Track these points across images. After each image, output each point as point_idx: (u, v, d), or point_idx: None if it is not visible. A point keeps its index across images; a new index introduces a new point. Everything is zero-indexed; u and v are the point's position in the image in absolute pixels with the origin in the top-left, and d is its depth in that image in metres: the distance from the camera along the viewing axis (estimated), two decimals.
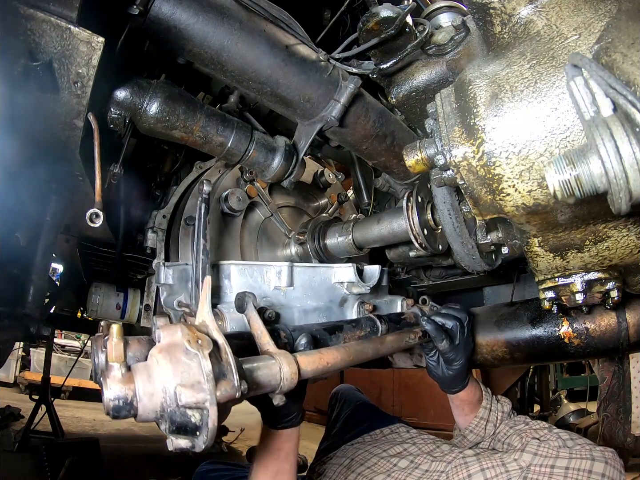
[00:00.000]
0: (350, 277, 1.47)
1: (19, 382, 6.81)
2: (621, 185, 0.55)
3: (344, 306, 1.52)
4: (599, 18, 0.77)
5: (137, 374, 0.67)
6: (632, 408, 2.79)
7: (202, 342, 0.69)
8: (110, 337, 0.67)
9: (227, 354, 0.73)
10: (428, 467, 1.47)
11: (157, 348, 0.70)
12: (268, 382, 0.81)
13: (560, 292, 1.18)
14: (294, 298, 1.39)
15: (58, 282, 2.87)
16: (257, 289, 1.31)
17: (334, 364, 0.96)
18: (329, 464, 1.81)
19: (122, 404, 0.65)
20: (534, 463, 1.28)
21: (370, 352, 1.13)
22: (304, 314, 1.38)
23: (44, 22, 0.85)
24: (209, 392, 0.65)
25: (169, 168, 2.04)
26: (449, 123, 0.92)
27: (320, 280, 1.46)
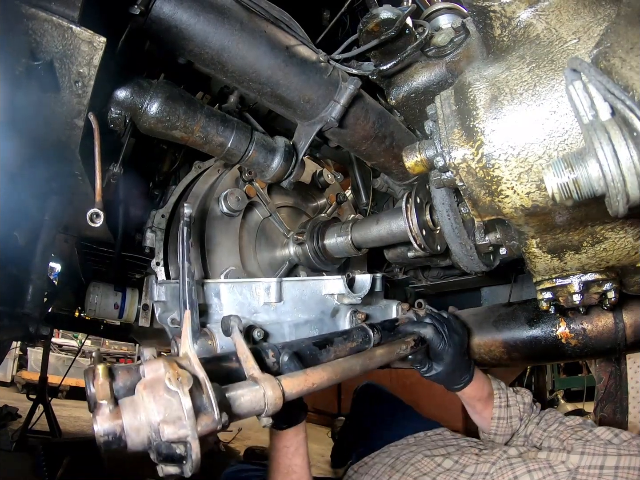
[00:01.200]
0: (340, 289, 1.46)
1: (16, 381, 6.80)
2: (618, 188, 0.56)
3: (336, 316, 1.51)
4: (598, 22, 0.78)
5: (125, 410, 0.71)
6: (629, 408, 2.79)
7: (183, 379, 0.72)
8: (97, 378, 0.71)
9: (208, 388, 0.76)
10: (474, 470, 1.43)
11: (142, 384, 0.73)
12: (252, 408, 0.83)
13: (557, 292, 1.19)
14: (284, 312, 1.38)
15: (56, 282, 2.87)
16: (246, 305, 1.31)
17: (320, 384, 0.97)
18: (371, 463, 1.80)
19: (112, 439, 0.69)
20: (582, 464, 1.24)
21: (358, 369, 1.13)
22: (295, 328, 1.37)
23: (45, 21, 0.85)
24: (190, 428, 0.69)
25: (167, 167, 2.05)
26: (449, 125, 0.92)
27: (311, 293, 1.45)
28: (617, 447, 1.24)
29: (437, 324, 1.52)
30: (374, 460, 1.82)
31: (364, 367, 1.16)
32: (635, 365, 2.82)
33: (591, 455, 1.24)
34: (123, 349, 9.69)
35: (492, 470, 1.37)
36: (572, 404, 5.05)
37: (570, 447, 1.31)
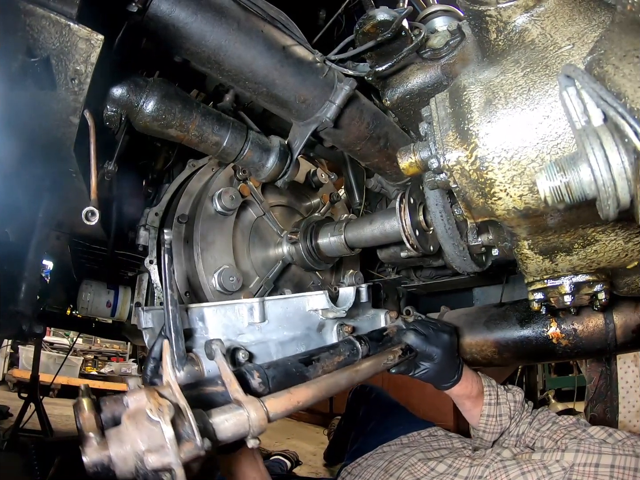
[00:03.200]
0: (324, 304, 1.45)
1: (7, 379, 6.73)
2: (609, 192, 0.57)
3: (323, 331, 1.50)
4: (593, 29, 0.79)
5: (111, 441, 0.73)
6: (619, 408, 2.83)
7: (163, 408, 0.74)
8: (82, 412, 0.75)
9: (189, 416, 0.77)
10: (467, 473, 1.43)
11: (126, 414, 0.76)
12: (237, 431, 0.85)
13: (549, 293, 1.20)
14: (269, 331, 1.36)
15: (48, 279, 2.85)
16: (231, 327, 1.30)
17: (305, 402, 0.99)
18: (365, 465, 1.79)
19: (101, 469, 0.71)
20: (577, 462, 1.23)
21: (344, 383, 1.15)
22: (281, 346, 1.36)
23: (43, 18, 0.85)
24: (173, 455, 0.71)
25: (161, 166, 2.04)
26: (443, 127, 0.93)
27: (294, 310, 1.43)
28: (612, 447, 1.24)
29: (420, 327, 1.54)
30: (367, 461, 1.83)
31: (349, 380, 1.17)
32: (625, 366, 2.86)
33: (586, 453, 1.24)
34: (115, 347, 9.64)
35: (485, 474, 1.36)
36: (562, 403, 5.09)
37: (564, 446, 1.31)
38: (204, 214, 1.65)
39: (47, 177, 1.41)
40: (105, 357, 9.45)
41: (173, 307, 1.07)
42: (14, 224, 1.58)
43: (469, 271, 1.57)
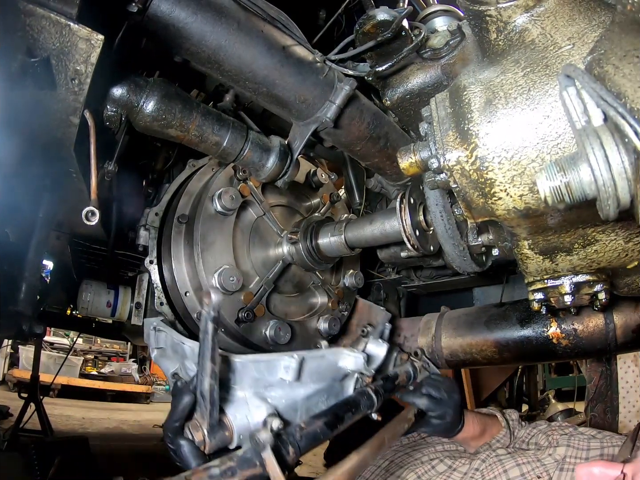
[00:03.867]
0: (359, 367, 1.41)
1: (7, 379, 6.75)
2: (609, 192, 0.57)
3: (344, 380, 1.45)
4: (593, 29, 0.79)
5: None
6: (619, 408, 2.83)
7: None
8: None
9: None
10: (466, 469, 1.47)
11: None
12: None
13: (549, 293, 1.20)
14: (299, 386, 1.31)
15: (48, 279, 2.85)
16: (262, 380, 1.24)
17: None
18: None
19: None
20: (568, 455, 1.29)
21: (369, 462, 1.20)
22: (306, 400, 1.31)
23: (43, 18, 0.85)
24: None
25: (161, 166, 2.04)
26: (444, 127, 0.93)
27: (327, 365, 1.38)
28: (600, 441, 1.31)
29: (432, 390, 1.57)
30: None
31: (373, 456, 1.23)
32: (625, 366, 2.86)
33: (576, 448, 1.30)
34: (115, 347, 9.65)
35: (482, 467, 1.41)
36: (563, 403, 5.09)
37: (556, 442, 1.37)
38: (204, 214, 1.65)
39: (47, 177, 1.41)
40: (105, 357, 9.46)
41: (213, 381, 1.01)
42: (14, 224, 1.58)
43: (469, 271, 1.57)
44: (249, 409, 1.17)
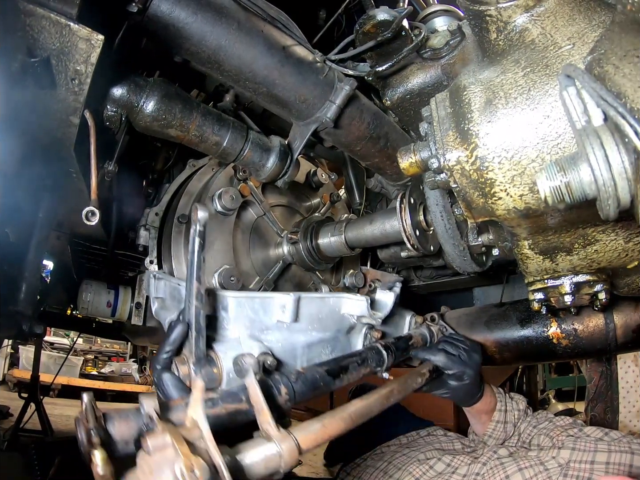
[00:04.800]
0: (362, 311, 1.35)
1: (7, 379, 6.74)
2: (610, 192, 0.57)
3: (351, 333, 1.41)
4: (593, 29, 0.79)
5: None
6: (619, 408, 2.83)
7: (198, 471, 0.62)
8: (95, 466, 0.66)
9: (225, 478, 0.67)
10: (465, 470, 1.44)
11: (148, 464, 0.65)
12: (267, 470, 0.76)
13: (549, 293, 1.20)
14: (298, 331, 1.26)
15: (48, 279, 2.85)
16: (257, 321, 1.19)
17: (337, 434, 0.91)
18: (364, 466, 1.79)
19: None
20: (572, 459, 1.24)
21: (375, 411, 1.07)
22: (307, 348, 1.26)
23: (43, 18, 0.85)
24: None
25: (161, 166, 2.03)
26: (444, 127, 0.93)
27: (329, 311, 1.32)
28: (608, 444, 1.25)
29: (450, 347, 1.50)
30: (366, 462, 1.82)
31: (382, 406, 1.09)
32: (625, 366, 2.86)
33: (582, 451, 1.25)
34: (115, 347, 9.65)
35: (483, 471, 1.37)
36: (563, 403, 5.10)
37: (560, 443, 1.33)
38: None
39: (47, 177, 1.41)
40: (105, 357, 9.45)
41: (198, 302, 0.95)
42: (15, 224, 1.58)
43: (469, 271, 1.57)
44: (242, 349, 1.09)
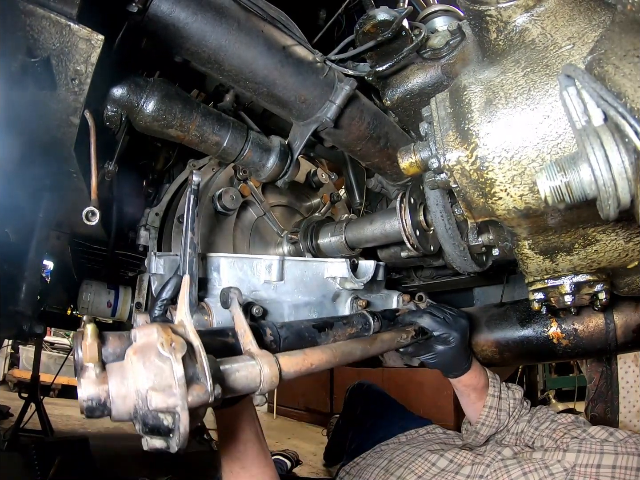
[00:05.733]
0: (343, 272, 1.45)
1: (7, 379, 6.74)
2: (610, 192, 0.57)
3: (337, 301, 1.50)
4: (593, 29, 0.79)
5: (112, 375, 0.66)
6: (619, 408, 2.83)
7: (176, 345, 0.67)
8: (85, 338, 0.67)
9: (202, 358, 0.71)
10: (469, 471, 1.41)
11: (133, 348, 0.69)
12: (247, 384, 0.79)
13: (549, 293, 1.20)
14: (284, 292, 1.37)
15: (48, 279, 2.85)
16: (246, 282, 1.29)
17: (319, 366, 0.94)
18: (364, 464, 1.78)
19: (96, 404, 0.64)
20: (578, 463, 1.22)
21: (358, 353, 1.10)
22: (294, 309, 1.36)
23: (43, 18, 0.85)
24: (180, 397, 0.64)
25: (161, 166, 2.04)
26: (444, 127, 0.93)
27: (312, 274, 1.44)
28: (614, 445, 1.23)
29: (436, 311, 1.51)
30: (365, 461, 1.82)
31: (364, 352, 1.12)
32: (625, 366, 2.86)
33: (588, 453, 1.23)
34: None
35: (486, 473, 1.35)
36: (563, 403, 5.09)
37: (565, 445, 1.30)
38: (204, 214, 1.65)
39: (47, 177, 1.41)
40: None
41: (192, 250, 1.04)
42: (15, 224, 1.59)
43: (469, 271, 1.56)
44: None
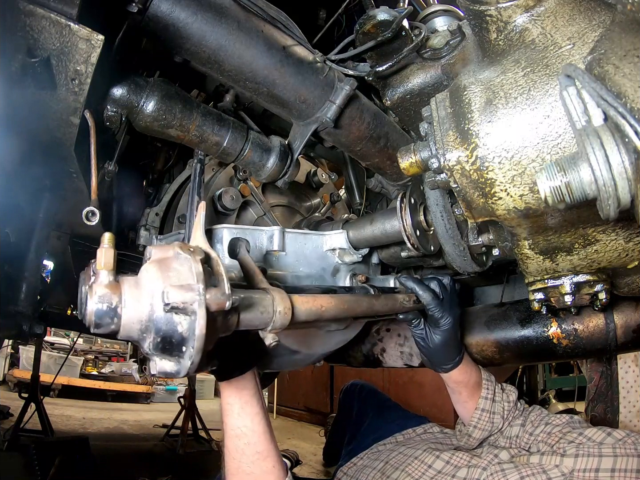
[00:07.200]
0: (342, 243, 1.49)
1: (7, 379, 6.76)
2: (610, 192, 0.57)
3: (337, 276, 1.54)
4: (593, 29, 0.79)
5: (125, 282, 0.64)
6: (619, 408, 2.84)
7: (195, 250, 0.67)
8: (101, 244, 0.65)
9: (220, 266, 0.71)
10: (465, 474, 1.40)
11: (148, 262, 0.67)
12: (260, 314, 0.77)
13: (549, 293, 1.20)
14: (286, 264, 1.41)
15: (48, 279, 2.85)
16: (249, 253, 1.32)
17: (328, 309, 0.94)
18: (361, 465, 1.77)
19: (106, 308, 0.62)
20: (576, 468, 1.20)
21: (364, 305, 1.11)
22: (296, 280, 1.39)
23: (43, 18, 0.85)
24: (198, 292, 0.61)
25: (161, 166, 2.04)
26: (444, 127, 0.93)
27: (312, 247, 1.48)
28: (613, 447, 1.21)
29: (440, 289, 1.49)
30: (362, 461, 1.81)
31: (370, 305, 1.14)
32: (626, 366, 2.87)
33: (586, 457, 1.21)
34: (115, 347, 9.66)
35: (483, 477, 1.34)
36: (563, 403, 5.10)
37: (562, 450, 1.28)
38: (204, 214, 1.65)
39: (47, 177, 1.41)
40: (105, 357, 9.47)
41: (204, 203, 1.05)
42: (15, 224, 1.58)
43: (469, 271, 1.57)
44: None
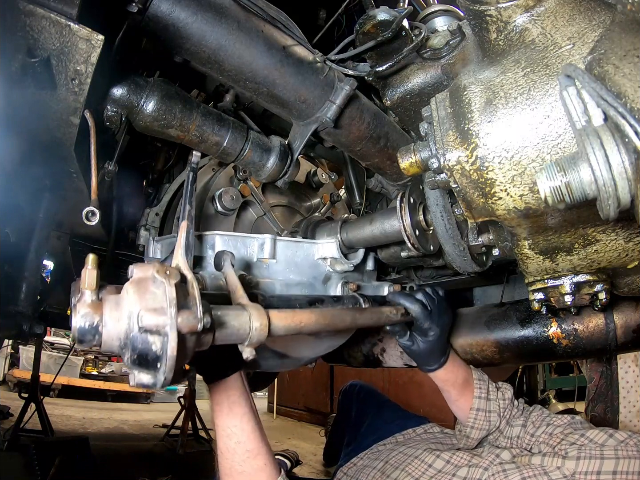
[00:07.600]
0: (333, 252, 1.48)
1: (7, 379, 6.76)
2: (610, 192, 0.57)
3: (328, 284, 1.53)
4: (593, 29, 0.79)
5: (106, 302, 0.71)
6: (619, 408, 2.84)
7: (170, 273, 0.71)
8: (86, 265, 0.72)
9: (194, 289, 0.75)
10: (466, 473, 1.39)
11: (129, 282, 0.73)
12: (236, 331, 0.81)
13: (549, 293, 1.20)
14: (276, 271, 1.40)
15: (48, 279, 2.85)
16: (240, 260, 1.33)
17: (307, 325, 0.95)
18: (361, 465, 1.77)
19: (88, 327, 0.68)
20: (578, 470, 1.19)
21: (348, 320, 1.11)
22: (286, 287, 1.38)
23: (43, 18, 0.85)
24: (170, 316, 0.67)
25: (161, 166, 2.03)
26: (444, 127, 0.93)
27: (304, 255, 1.48)
28: (615, 449, 1.21)
29: (428, 301, 1.50)
30: (362, 462, 1.81)
31: (353, 319, 1.13)
32: (625, 366, 2.87)
33: (587, 459, 1.21)
34: None
35: (484, 477, 1.34)
36: (563, 403, 5.10)
37: (564, 452, 1.28)
38: (204, 214, 1.65)
39: (47, 177, 1.41)
40: (105, 357, 9.46)
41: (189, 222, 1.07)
42: (15, 224, 1.58)
43: (469, 271, 1.56)
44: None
